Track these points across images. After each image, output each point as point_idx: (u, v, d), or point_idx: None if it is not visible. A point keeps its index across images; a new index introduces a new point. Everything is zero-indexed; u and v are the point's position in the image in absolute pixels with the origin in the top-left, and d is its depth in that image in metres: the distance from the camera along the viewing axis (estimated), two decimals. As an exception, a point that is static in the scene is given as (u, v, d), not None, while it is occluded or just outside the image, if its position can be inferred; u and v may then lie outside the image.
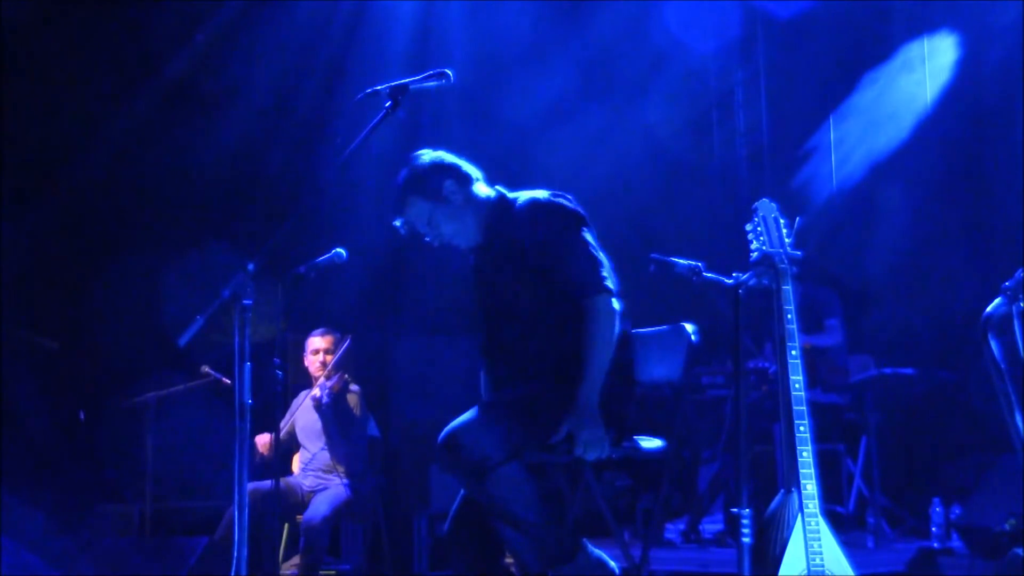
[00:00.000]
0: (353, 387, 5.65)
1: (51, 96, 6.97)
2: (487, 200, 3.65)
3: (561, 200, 3.58)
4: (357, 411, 5.64)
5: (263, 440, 5.51)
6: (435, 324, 7.33)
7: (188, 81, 7.29)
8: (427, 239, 3.66)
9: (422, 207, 3.61)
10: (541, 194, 3.60)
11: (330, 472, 5.64)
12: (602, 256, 3.49)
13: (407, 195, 3.62)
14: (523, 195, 3.64)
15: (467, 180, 3.65)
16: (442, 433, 3.29)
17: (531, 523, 3.23)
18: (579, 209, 3.57)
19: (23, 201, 6.91)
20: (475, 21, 7.50)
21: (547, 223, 3.51)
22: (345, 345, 5.63)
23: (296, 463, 5.81)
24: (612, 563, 3.35)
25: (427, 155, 3.69)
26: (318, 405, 5.48)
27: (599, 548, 3.37)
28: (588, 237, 3.50)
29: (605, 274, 3.45)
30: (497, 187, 3.70)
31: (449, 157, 3.69)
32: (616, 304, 3.42)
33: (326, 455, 5.67)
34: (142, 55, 7.21)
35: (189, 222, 7.29)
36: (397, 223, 3.66)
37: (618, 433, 3.46)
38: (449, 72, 3.38)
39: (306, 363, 5.76)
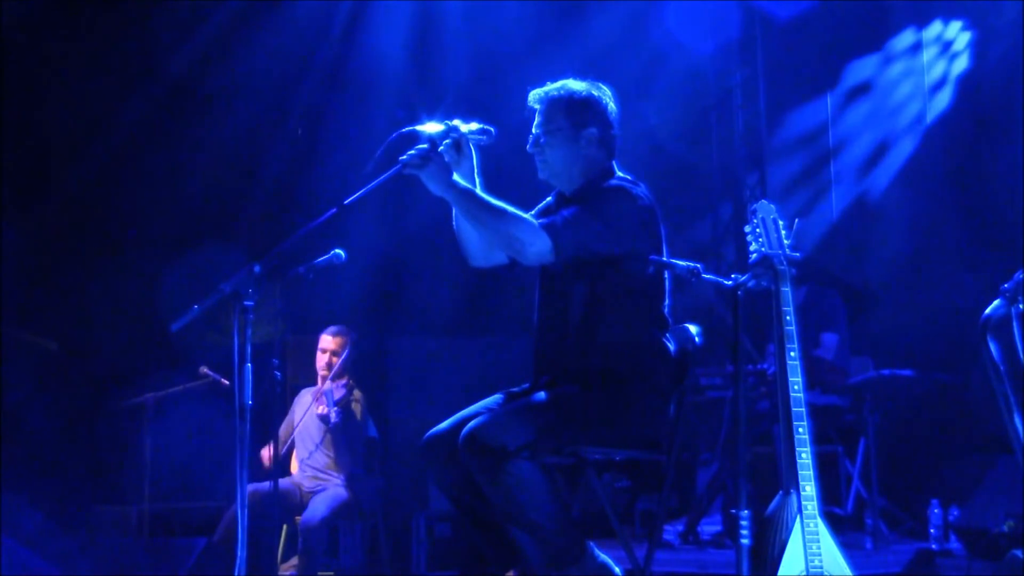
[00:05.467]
0: (357, 393, 5.67)
1: (51, 96, 6.97)
2: (601, 167, 3.57)
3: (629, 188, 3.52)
4: (360, 416, 5.65)
5: (267, 454, 5.53)
6: (435, 324, 7.33)
7: (188, 81, 7.29)
8: (530, 141, 3.58)
9: (554, 123, 3.53)
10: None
11: (328, 472, 5.65)
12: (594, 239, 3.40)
13: (551, 106, 3.54)
14: (619, 178, 3.56)
15: (609, 141, 3.59)
16: (465, 428, 3.26)
17: (539, 525, 3.23)
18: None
19: (23, 201, 6.91)
20: (475, 20, 7.50)
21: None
22: (347, 350, 5.62)
23: (294, 461, 5.82)
24: (617, 569, 3.35)
25: (598, 92, 3.59)
26: (326, 421, 5.49)
27: (600, 549, 3.38)
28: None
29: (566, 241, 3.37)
30: (615, 164, 3.61)
31: (612, 106, 3.61)
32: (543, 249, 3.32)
33: (322, 457, 5.68)
34: (142, 55, 7.21)
35: (189, 222, 7.30)
36: (532, 103, 3.57)
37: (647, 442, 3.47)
38: (492, 129, 3.46)
39: (316, 356, 5.79)
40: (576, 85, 3.60)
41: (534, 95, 3.60)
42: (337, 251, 4.09)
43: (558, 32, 7.48)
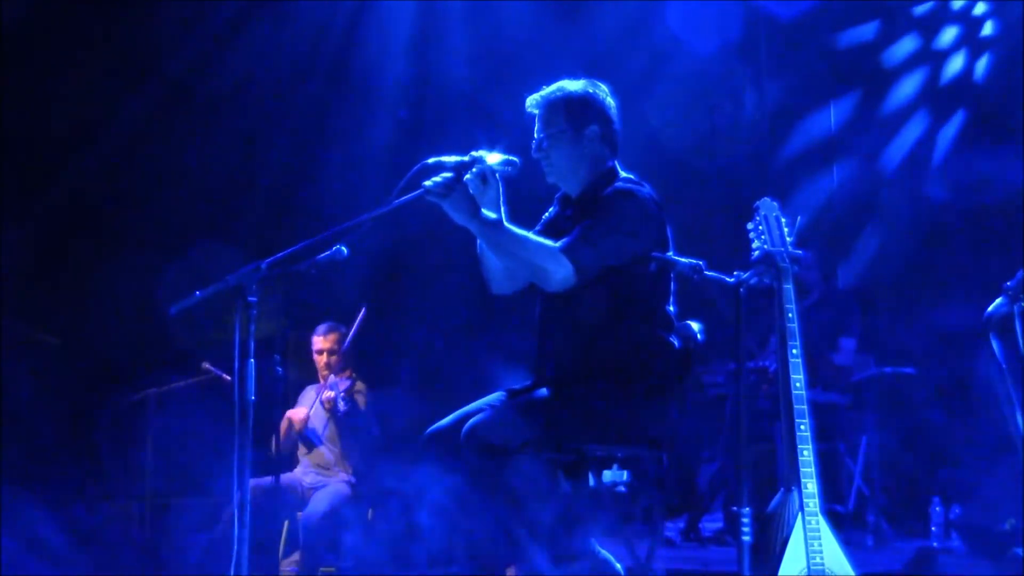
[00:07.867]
0: (360, 384, 5.69)
1: (51, 96, 6.97)
2: (604, 166, 3.58)
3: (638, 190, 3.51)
4: (364, 407, 5.67)
5: (299, 415, 5.56)
6: (437, 322, 7.33)
7: (188, 81, 7.29)
8: (534, 146, 3.58)
9: (555, 125, 3.53)
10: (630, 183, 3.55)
11: (329, 469, 5.66)
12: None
13: (550, 109, 3.54)
14: (623, 180, 3.56)
15: (611, 137, 3.59)
16: (466, 424, 3.27)
17: (541, 522, 3.23)
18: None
19: (23, 200, 6.90)
20: (475, 21, 7.50)
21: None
22: (361, 315, 5.66)
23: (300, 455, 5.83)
24: (618, 565, 3.35)
25: (595, 90, 3.59)
26: (331, 408, 5.51)
27: (602, 546, 3.38)
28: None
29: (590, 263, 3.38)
30: (618, 163, 3.62)
31: (611, 102, 3.61)
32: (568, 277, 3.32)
33: (326, 452, 5.69)
34: (142, 55, 7.20)
35: (189, 221, 7.29)
36: (530, 108, 3.58)
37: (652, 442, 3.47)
38: (517, 160, 3.42)
39: (314, 359, 5.82)
40: (572, 85, 3.60)
41: (532, 100, 3.60)
42: (340, 247, 4.09)
43: (560, 32, 7.47)
